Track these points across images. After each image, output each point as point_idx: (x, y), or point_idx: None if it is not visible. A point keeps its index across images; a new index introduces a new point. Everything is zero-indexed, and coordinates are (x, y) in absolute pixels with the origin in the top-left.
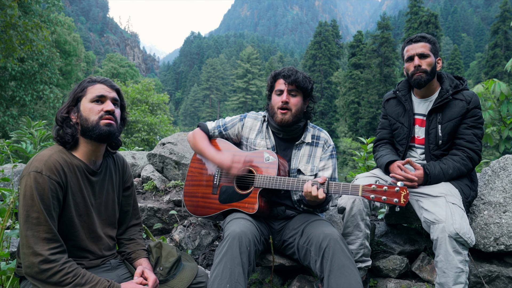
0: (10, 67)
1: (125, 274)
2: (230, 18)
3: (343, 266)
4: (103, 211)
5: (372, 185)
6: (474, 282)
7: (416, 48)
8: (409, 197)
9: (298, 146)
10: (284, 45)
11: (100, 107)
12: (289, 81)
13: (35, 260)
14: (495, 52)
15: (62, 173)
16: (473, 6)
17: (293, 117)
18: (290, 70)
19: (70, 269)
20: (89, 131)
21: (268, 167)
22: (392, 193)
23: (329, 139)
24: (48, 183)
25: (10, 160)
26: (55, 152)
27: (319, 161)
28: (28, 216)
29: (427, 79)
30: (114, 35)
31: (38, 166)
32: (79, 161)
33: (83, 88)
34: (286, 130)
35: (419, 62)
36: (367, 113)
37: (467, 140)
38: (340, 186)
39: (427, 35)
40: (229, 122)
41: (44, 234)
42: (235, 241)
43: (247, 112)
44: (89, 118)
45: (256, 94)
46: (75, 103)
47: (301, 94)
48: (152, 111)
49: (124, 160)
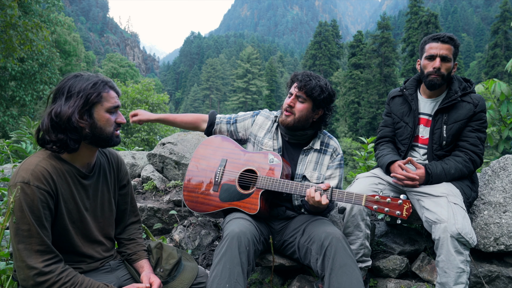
0: (10, 67)
1: (125, 276)
2: (230, 18)
3: (345, 265)
4: (99, 214)
5: (376, 196)
6: (474, 282)
7: (441, 48)
8: (407, 195)
9: (306, 151)
10: (284, 45)
11: (114, 118)
12: (299, 86)
13: (30, 273)
14: (495, 52)
15: (51, 181)
16: (473, 6)
17: (294, 121)
18: (306, 75)
19: (67, 279)
20: (101, 141)
21: (272, 168)
22: (395, 205)
23: (339, 148)
24: (37, 194)
25: (10, 160)
26: (43, 159)
27: (326, 169)
28: (18, 228)
29: (442, 83)
30: (114, 35)
31: (24, 177)
32: (69, 166)
33: (99, 93)
34: (291, 134)
35: (440, 65)
36: (367, 113)
37: (471, 143)
38: (344, 194)
39: (455, 37)
40: (241, 116)
41: (37, 247)
42: (234, 241)
43: (260, 110)
44: (105, 129)
45: (256, 94)
46: (88, 108)
47: (310, 102)
48: (152, 111)
49: (118, 157)
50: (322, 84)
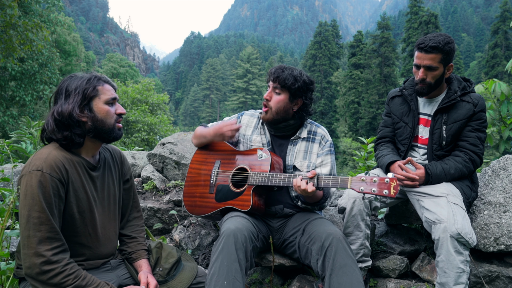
0: (10, 67)
1: (125, 275)
2: (230, 18)
3: (345, 265)
4: (106, 206)
5: (362, 177)
6: (474, 282)
7: (424, 59)
8: (406, 194)
9: (294, 141)
10: (284, 45)
11: (113, 110)
12: (272, 79)
13: (37, 261)
14: (495, 52)
15: (63, 170)
16: (473, 6)
17: (272, 115)
18: (280, 68)
19: (72, 271)
20: (104, 133)
21: (261, 164)
22: (382, 184)
23: (327, 135)
24: (50, 181)
25: (10, 160)
26: (54, 149)
27: (316, 157)
28: (30, 216)
29: (429, 91)
30: (114, 35)
31: (38, 165)
32: (79, 157)
33: (94, 87)
34: (275, 128)
35: (424, 76)
36: (367, 113)
37: (471, 143)
38: (329, 180)
39: (440, 44)
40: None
41: (47, 234)
42: (230, 238)
43: (244, 110)
44: (106, 121)
45: (256, 94)
46: (86, 103)
47: (286, 93)
48: (152, 111)
49: (121, 152)
50: (295, 74)
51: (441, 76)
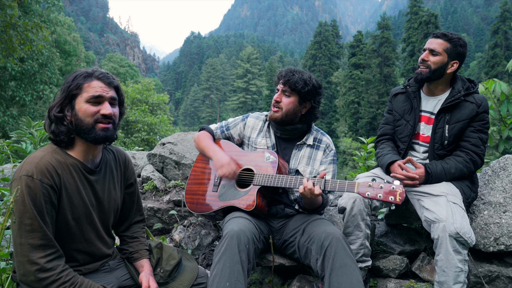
0: (10, 67)
1: (124, 276)
2: (230, 18)
3: (345, 265)
4: (105, 211)
5: (369, 183)
6: (474, 282)
7: (431, 42)
8: (406, 195)
9: (299, 146)
10: (284, 45)
11: (96, 109)
12: (283, 82)
13: (31, 268)
14: (495, 52)
15: (55, 175)
16: (473, 6)
17: (282, 116)
18: (289, 71)
19: (67, 278)
20: (83, 133)
21: (268, 166)
22: (388, 191)
23: (331, 144)
24: (40, 188)
25: (10, 160)
26: (48, 152)
27: (319, 165)
28: (22, 222)
29: (428, 76)
30: (114, 35)
31: (29, 170)
32: (75, 160)
33: (78, 85)
34: (282, 129)
35: (426, 57)
36: (367, 113)
37: (472, 144)
38: (336, 183)
39: (451, 35)
40: (231, 122)
41: (39, 241)
42: (233, 240)
43: (249, 112)
44: (84, 120)
45: (256, 94)
46: (69, 100)
47: (296, 96)
48: (152, 111)
49: (126, 155)
50: (305, 77)
51: (443, 66)
